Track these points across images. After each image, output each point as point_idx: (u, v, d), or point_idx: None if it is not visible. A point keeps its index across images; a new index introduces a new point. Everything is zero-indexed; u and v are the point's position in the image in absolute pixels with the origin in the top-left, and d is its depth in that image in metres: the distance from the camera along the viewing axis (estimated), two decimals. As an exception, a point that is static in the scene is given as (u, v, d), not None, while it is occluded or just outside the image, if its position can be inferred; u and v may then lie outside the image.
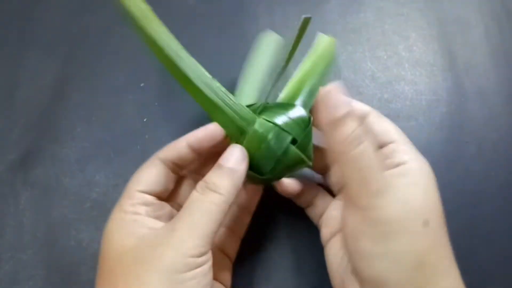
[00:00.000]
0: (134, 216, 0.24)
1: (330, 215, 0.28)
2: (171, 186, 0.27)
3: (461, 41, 0.38)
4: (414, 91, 0.36)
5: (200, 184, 0.23)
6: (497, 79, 0.36)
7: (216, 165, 0.24)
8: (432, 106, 0.35)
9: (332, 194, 0.29)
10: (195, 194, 0.23)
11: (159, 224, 0.24)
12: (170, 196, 0.28)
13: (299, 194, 0.28)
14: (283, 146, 0.25)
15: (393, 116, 0.35)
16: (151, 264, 0.21)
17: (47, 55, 0.40)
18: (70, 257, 0.32)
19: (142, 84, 0.38)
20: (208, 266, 0.22)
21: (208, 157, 0.27)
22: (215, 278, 0.26)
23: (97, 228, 0.33)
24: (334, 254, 0.26)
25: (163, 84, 0.38)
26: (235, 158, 0.24)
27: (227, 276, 0.28)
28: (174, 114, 0.37)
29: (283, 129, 0.25)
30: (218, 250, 0.28)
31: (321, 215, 0.28)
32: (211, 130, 0.26)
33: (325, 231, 0.27)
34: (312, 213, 0.29)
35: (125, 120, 0.37)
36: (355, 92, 0.36)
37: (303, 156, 0.25)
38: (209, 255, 0.22)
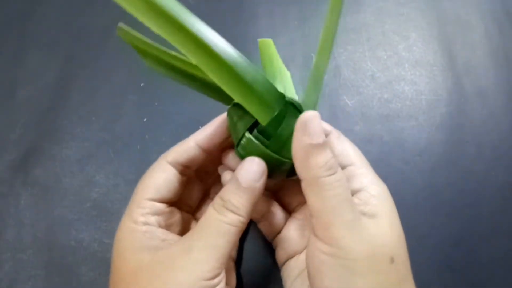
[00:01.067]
0: (145, 227, 0.23)
1: (286, 236, 0.26)
2: (180, 190, 0.26)
3: (461, 41, 0.38)
4: (414, 91, 0.36)
5: (218, 201, 0.22)
6: (497, 79, 0.36)
7: (233, 180, 0.22)
8: (432, 106, 0.35)
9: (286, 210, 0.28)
10: (212, 213, 0.22)
11: (170, 235, 0.23)
12: (179, 200, 0.27)
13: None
14: None
15: (393, 116, 0.35)
16: (167, 286, 0.20)
17: (47, 55, 0.40)
18: (70, 257, 0.32)
19: (142, 84, 0.38)
20: (221, 286, 0.21)
21: (215, 153, 0.26)
22: None
23: (97, 228, 0.33)
24: (291, 277, 0.25)
25: (163, 84, 0.38)
26: (253, 174, 0.22)
27: (232, 276, 0.27)
28: (174, 114, 0.37)
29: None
30: None
31: (275, 233, 0.27)
32: (219, 123, 0.25)
33: (281, 253, 0.26)
34: (266, 229, 0.28)
35: (125, 120, 0.37)
36: (355, 92, 0.36)
37: None
38: (222, 275, 0.21)
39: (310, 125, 0.21)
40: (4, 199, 0.34)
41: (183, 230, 0.27)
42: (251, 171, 0.22)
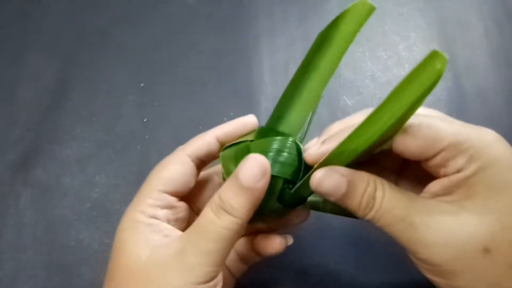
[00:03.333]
0: (150, 219, 0.22)
1: None
2: (193, 184, 0.25)
3: (461, 41, 0.38)
4: (414, 91, 0.36)
5: (216, 200, 0.21)
6: (497, 79, 0.36)
7: (233, 177, 0.20)
8: (432, 106, 0.35)
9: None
10: (208, 215, 0.20)
11: (174, 232, 0.23)
12: (189, 194, 0.26)
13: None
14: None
15: (393, 116, 0.35)
16: None
17: (47, 55, 0.40)
18: (70, 257, 0.32)
19: (142, 84, 0.38)
20: None
21: None
22: None
23: (97, 228, 0.33)
24: None
25: (163, 84, 0.38)
26: (254, 174, 0.20)
27: None
28: (174, 114, 0.37)
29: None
30: (225, 268, 0.27)
31: None
32: (241, 123, 0.24)
33: None
34: None
35: (125, 120, 0.37)
36: (355, 92, 0.36)
37: None
38: (219, 278, 0.21)
39: (321, 188, 0.20)
40: (4, 199, 0.34)
41: (190, 225, 0.26)
42: (253, 169, 0.20)
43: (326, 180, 0.20)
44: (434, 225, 0.19)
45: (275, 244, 0.25)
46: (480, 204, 0.19)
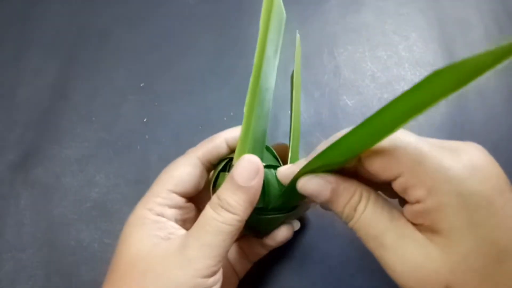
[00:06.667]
0: (158, 217, 0.23)
1: None
2: (202, 186, 0.26)
3: (461, 41, 0.38)
4: (414, 91, 0.36)
5: (214, 199, 0.22)
6: (497, 79, 0.36)
7: (229, 178, 0.22)
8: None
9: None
10: (208, 211, 0.22)
11: (179, 231, 0.23)
12: (197, 196, 0.27)
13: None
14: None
15: (393, 116, 0.35)
16: (160, 282, 0.20)
17: (47, 55, 0.40)
18: (70, 257, 0.32)
19: (142, 84, 0.38)
20: (218, 286, 0.21)
21: None
22: None
23: (97, 228, 0.33)
24: None
25: (163, 84, 0.38)
26: (247, 173, 0.22)
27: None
28: (174, 114, 0.37)
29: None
30: (228, 265, 0.27)
31: None
32: None
33: None
34: None
35: (125, 120, 0.37)
36: (355, 92, 0.36)
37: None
38: (220, 274, 0.21)
39: (306, 192, 0.21)
40: (4, 199, 0.34)
41: None
42: (247, 168, 0.22)
43: (309, 183, 0.21)
44: (403, 253, 0.19)
45: (282, 231, 0.26)
46: (444, 242, 0.18)
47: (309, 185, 0.21)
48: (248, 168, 0.22)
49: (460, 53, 0.37)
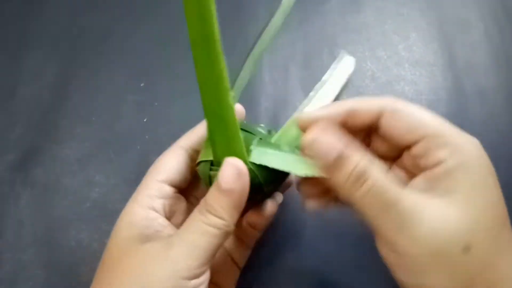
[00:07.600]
0: (147, 211, 0.23)
1: None
2: (190, 177, 0.26)
3: (461, 41, 0.38)
4: (414, 91, 0.36)
5: (201, 203, 0.22)
6: (497, 79, 0.36)
7: (215, 183, 0.22)
8: (432, 106, 0.35)
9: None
10: (195, 214, 0.22)
11: (168, 228, 0.23)
12: (187, 189, 0.27)
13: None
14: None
15: (393, 116, 0.35)
16: (140, 280, 0.20)
17: (47, 55, 0.40)
18: (70, 257, 0.32)
19: (142, 84, 0.38)
20: None
21: None
22: (220, 285, 0.26)
23: (97, 228, 0.33)
24: None
25: (163, 84, 0.38)
26: (230, 177, 0.21)
27: (231, 284, 0.27)
28: (174, 114, 0.37)
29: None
30: (226, 256, 0.27)
31: None
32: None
33: None
34: None
35: (125, 120, 0.37)
36: (355, 92, 0.36)
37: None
38: (205, 276, 0.21)
39: (313, 149, 0.20)
40: (4, 199, 0.34)
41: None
42: (229, 172, 0.22)
43: (323, 139, 0.20)
44: (423, 217, 0.18)
45: (267, 207, 0.26)
46: (462, 200, 0.19)
47: (324, 141, 0.20)
48: (230, 172, 0.21)
49: (460, 53, 0.37)
